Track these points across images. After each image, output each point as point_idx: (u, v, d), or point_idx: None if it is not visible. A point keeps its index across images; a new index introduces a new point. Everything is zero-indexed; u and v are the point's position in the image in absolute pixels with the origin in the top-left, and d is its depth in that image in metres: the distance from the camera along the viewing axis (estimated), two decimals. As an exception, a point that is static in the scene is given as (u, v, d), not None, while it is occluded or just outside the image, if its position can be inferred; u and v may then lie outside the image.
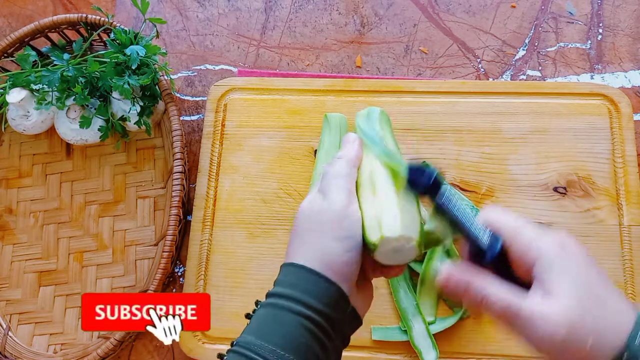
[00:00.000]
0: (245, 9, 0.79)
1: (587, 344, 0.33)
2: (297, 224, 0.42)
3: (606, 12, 0.74)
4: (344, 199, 0.40)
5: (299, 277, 0.38)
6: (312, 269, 0.38)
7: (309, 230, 0.40)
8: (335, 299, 0.38)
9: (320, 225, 0.39)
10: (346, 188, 0.41)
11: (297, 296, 0.37)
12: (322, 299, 0.37)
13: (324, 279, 0.37)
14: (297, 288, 0.38)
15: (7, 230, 0.69)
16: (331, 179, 0.42)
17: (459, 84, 0.68)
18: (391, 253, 0.38)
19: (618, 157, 0.63)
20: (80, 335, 0.64)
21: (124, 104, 0.67)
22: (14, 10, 0.82)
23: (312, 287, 0.37)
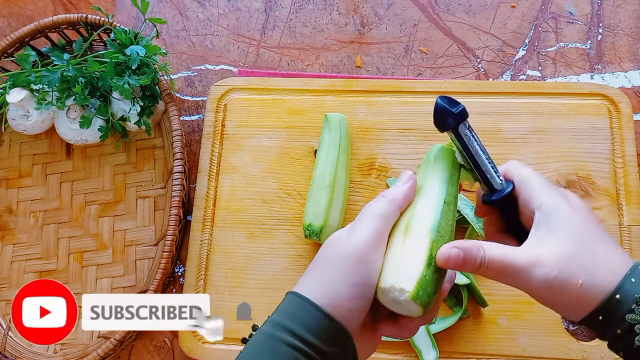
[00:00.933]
0: (245, 9, 0.79)
1: (578, 283, 0.34)
2: (319, 253, 0.40)
3: (606, 12, 0.74)
4: (369, 242, 0.38)
5: (301, 309, 0.37)
6: (316, 303, 0.37)
7: (325, 264, 0.39)
8: (334, 335, 0.36)
9: (337, 262, 0.38)
10: (376, 230, 0.38)
11: (295, 329, 0.36)
12: (320, 335, 0.36)
13: (326, 316, 0.36)
14: (296, 320, 0.36)
15: (7, 230, 0.69)
16: (366, 216, 0.39)
17: (459, 84, 0.68)
18: (394, 304, 0.37)
19: (618, 157, 0.63)
20: (80, 335, 0.64)
21: (124, 104, 0.67)
22: (14, 10, 0.82)
23: (312, 321, 0.36)
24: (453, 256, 0.37)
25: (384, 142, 0.66)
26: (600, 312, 0.34)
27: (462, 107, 0.39)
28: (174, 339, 0.64)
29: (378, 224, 0.38)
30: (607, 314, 0.34)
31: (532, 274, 0.35)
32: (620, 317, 0.33)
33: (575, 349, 0.57)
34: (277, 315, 0.38)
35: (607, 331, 0.34)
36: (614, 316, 0.34)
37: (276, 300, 0.60)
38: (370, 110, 0.68)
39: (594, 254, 0.36)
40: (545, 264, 0.35)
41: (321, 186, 0.61)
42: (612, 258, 0.36)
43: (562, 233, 0.36)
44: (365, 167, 0.66)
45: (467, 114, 0.39)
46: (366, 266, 0.37)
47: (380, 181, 0.65)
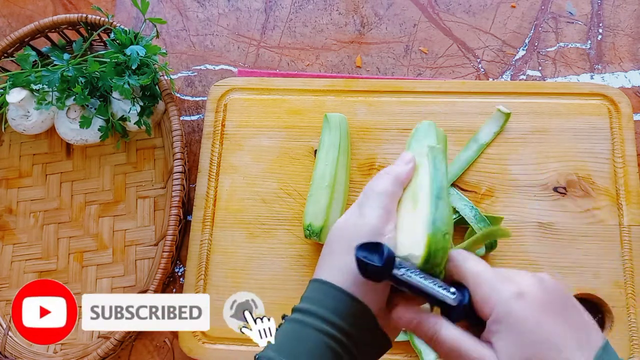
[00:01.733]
0: (245, 9, 0.79)
1: None
2: (330, 239, 0.41)
3: (606, 12, 0.74)
4: (380, 216, 0.38)
5: (325, 293, 0.37)
6: (339, 286, 0.37)
7: (340, 246, 0.39)
8: (360, 317, 0.37)
9: (351, 242, 0.37)
10: (385, 206, 0.39)
11: (322, 313, 0.36)
12: (346, 318, 0.36)
13: (350, 297, 0.37)
14: (322, 305, 0.37)
15: (7, 230, 0.69)
16: (371, 194, 0.40)
17: (459, 84, 0.68)
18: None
19: (618, 157, 0.63)
20: (80, 335, 0.64)
21: (124, 104, 0.67)
22: (14, 10, 0.82)
23: (337, 304, 0.37)
24: (407, 319, 0.37)
25: (384, 142, 0.66)
26: None
27: (387, 253, 0.35)
28: (174, 339, 0.64)
29: (386, 201, 0.40)
30: None
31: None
32: None
33: (575, 349, 0.57)
34: (302, 303, 0.38)
35: None
36: None
37: (276, 300, 0.61)
38: (370, 110, 0.68)
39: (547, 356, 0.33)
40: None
41: (321, 186, 0.61)
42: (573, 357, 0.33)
43: (509, 348, 0.33)
44: (365, 167, 0.66)
45: (393, 258, 0.35)
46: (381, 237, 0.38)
47: (380, 181, 0.65)
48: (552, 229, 0.61)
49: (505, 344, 0.33)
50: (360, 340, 0.37)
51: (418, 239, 0.37)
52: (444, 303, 0.36)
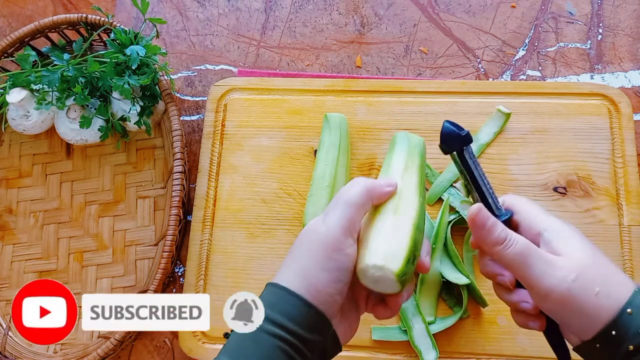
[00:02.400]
0: (245, 9, 0.79)
1: (595, 291, 0.35)
2: (295, 242, 0.41)
3: (606, 12, 0.74)
4: (342, 227, 0.39)
5: (280, 297, 0.38)
6: (294, 291, 0.37)
7: (300, 252, 0.40)
8: (314, 322, 0.37)
9: (312, 250, 0.39)
10: (348, 218, 0.39)
11: (275, 317, 0.36)
12: (300, 322, 0.36)
13: (304, 302, 0.37)
14: (276, 309, 0.37)
15: (7, 230, 0.69)
16: (340, 203, 0.40)
17: (459, 84, 0.68)
18: (374, 283, 0.38)
19: (618, 157, 0.63)
20: (80, 335, 0.64)
21: (124, 104, 0.67)
22: (14, 10, 0.82)
23: (291, 309, 0.37)
24: (483, 216, 0.39)
25: (384, 142, 0.66)
26: (613, 327, 0.34)
27: (467, 132, 0.42)
28: (174, 339, 0.64)
29: (351, 212, 0.39)
30: (620, 328, 0.34)
31: (552, 270, 0.36)
32: (633, 332, 0.33)
33: (575, 349, 0.57)
34: None
35: (620, 348, 0.34)
36: (627, 331, 0.33)
37: (276, 300, 0.60)
38: (370, 110, 0.68)
39: (607, 267, 0.37)
40: (565, 267, 0.36)
41: (321, 186, 0.61)
42: (621, 274, 0.37)
43: (574, 247, 0.37)
44: (365, 167, 0.66)
45: (471, 139, 0.42)
46: (339, 252, 0.38)
47: (380, 181, 0.65)
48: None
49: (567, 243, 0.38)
50: (313, 344, 0.37)
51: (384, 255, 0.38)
52: (489, 206, 0.41)
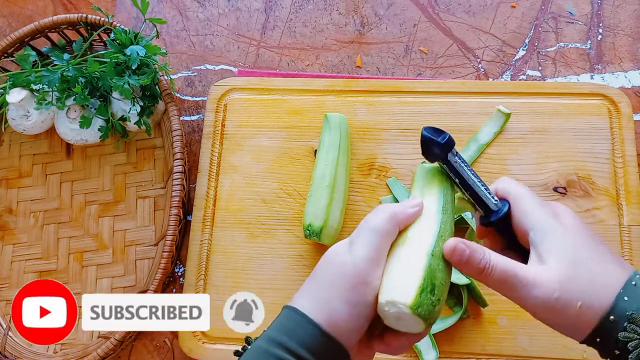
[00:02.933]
0: (245, 9, 0.79)
1: (577, 305, 0.35)
2: (318, 266, 0.39)
3: (606, 12, 0.74)
4: (368, 260, 0.37)
5: (297, 324, 0.36)
6: (314, 320, 0.36)
7: (323, 280, 0.38)
8: (331, 354, 0.36)
9: (335, 280, 0.37)
10: (375, 248, 0.37)
11: (291, 345, 0.35)
12: (316, 353, 0.35)
13: (324, 334, 0.35)
14: (292, 336, 0.35)
15: (7, 230, 0.69)
16: (365, 231, 0.38)
17: (459, 84, 0.68)
18: (395, 320, 0.36)
19: (618, 157, 0.63)
20: (80, 335, 0.64)
21: (124, 104, 0.67)
22: (14, 10, 0.82)
23: (308, 338, 0.35)
24: (459, 250, 0.36)
25: (384, 142, 0.66)
26: (598, 334, 0.34)
27: (448, 136, 0.39)
28: (174, 339, 0.64)
29: (377, 241, 0.38)
30: (603, 335, 0.34)
31: (533, 292, 0.35)
32: (615, 338, 0.34)
33: (575, 349, 0.57)
34: (272, 330, 0.37)
35: (606, 352, 0.35)
36: (610, 337, 0.34)
37: (276, 300, 0.61)
38: (370, 110, 0.68)
39: (590, 273, 0.36)
40: (546, 285, 0.35)
41: (321, 186, 0.61)
42: (607, 276, 0.36)
43: (557, 254, 0.36)
44: (365, 167, 0.66)
45: (453, 142, 0.40)
46: (365, 286, 0.36)
47: (380, 181, 0.65)
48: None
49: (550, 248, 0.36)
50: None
51: (404, 290, 0.35)
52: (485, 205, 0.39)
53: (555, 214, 0.39)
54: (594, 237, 0.38)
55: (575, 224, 0.38)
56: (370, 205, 0.64)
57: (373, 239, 0.38)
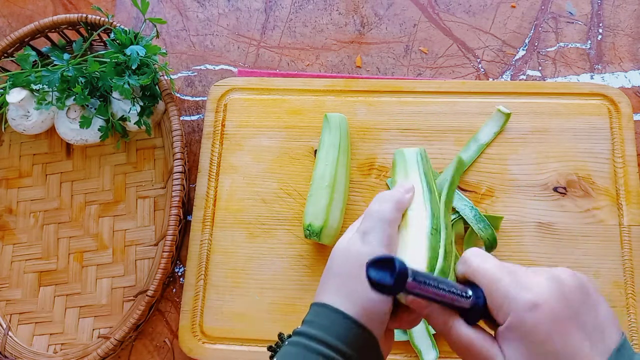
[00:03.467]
0: (245, 9, 0.79)
1: None
2: (333, 263, 0.41)
3: (606, 12, 0.74)
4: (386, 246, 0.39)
5: (332, 320, 0.37)
6: (347, 313, 0.37)
7: (346, 272, 0.39)
8: (367, 346, 0.37)
9: (358, 271, 0.37)
10: (389, 235, 0.40)
11: (330, 340, 0.36)
12: (352, 344, 0.36)
13: (357, 324, 0.37)
14: (329, 332, 0.36)
15: (7, 230, 0.69)
16: (375, 221, 0.41)
17: (459, 84, 0.68)
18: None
19: (618, 157, 0.63)
20: (80, 335, 0.64)
21: (124, 104, 0.67)
22: (14, 10, 0.82)
23: (344, 331, 0.36)
24: (421, 311, 0.37)
25: (384, 142, 0.66)
26: None
27: (398, 269, 0.31)
28: (174, 339, 0.64)
29: (389, 229, 0.41)
30: None
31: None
32: None
33: (575, 349, 0.57)
34: (308, 326, 0.38)
35: None
36: None
37: (276, 300, 0.61)
38: (370, 110, 0.68)
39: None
40: None
41: (321, 186, 0.61)
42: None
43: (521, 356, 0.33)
44: (365, 167, 0.66)
45: (407, 274, 0.32)
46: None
47: (380, 181, 0.65)
48: (552, 229, 0.61)
49: (515, 354, 0.33)
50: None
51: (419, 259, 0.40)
52: (462, 309, 0.36)
53: (534, 304, 0.33)
54: (578, 315, 0.34)
55: (553, 312, 0.33)
56: (370, 205, 0.64)
57: (385, 227, 0.41)
